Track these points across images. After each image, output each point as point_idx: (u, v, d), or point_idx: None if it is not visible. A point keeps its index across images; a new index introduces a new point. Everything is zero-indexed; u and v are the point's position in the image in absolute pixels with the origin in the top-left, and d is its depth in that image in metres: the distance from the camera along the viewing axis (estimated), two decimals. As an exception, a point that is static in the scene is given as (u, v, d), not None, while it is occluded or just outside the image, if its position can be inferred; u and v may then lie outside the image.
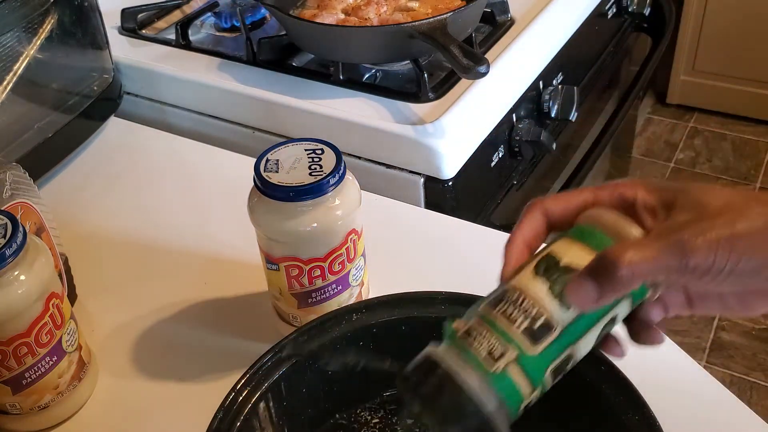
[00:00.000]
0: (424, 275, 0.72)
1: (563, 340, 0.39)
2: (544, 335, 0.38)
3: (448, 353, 0.39)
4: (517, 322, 0.38)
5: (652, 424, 0.46)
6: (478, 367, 0.38)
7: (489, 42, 0.96)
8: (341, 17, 0.93)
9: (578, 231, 0.41)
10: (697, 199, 0.39)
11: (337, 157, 0.58)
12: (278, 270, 0.60)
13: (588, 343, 0.40)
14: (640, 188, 0.41)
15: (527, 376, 0.38)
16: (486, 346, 0.38)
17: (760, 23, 2.24)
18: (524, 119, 0.97)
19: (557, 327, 0.38)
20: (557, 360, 0.39)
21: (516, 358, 0.38)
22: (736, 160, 2.31)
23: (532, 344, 0.38)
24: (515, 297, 0.39)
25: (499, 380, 0.38)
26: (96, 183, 0.88)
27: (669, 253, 0.36)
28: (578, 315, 0.39)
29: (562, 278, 0.39)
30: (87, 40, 0.90)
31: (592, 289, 0.37)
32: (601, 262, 0.37)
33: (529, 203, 0.44)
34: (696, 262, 0.36)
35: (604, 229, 0.40)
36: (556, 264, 0.39)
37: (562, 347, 0.39)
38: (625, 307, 0.41)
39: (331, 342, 0.53)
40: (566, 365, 0.40)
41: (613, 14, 1.25)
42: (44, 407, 0.59)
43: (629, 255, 0.36)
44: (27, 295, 0.53)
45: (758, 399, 1.65)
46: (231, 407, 0.49)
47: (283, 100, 0.90)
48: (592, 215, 0.41)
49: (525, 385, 0.39)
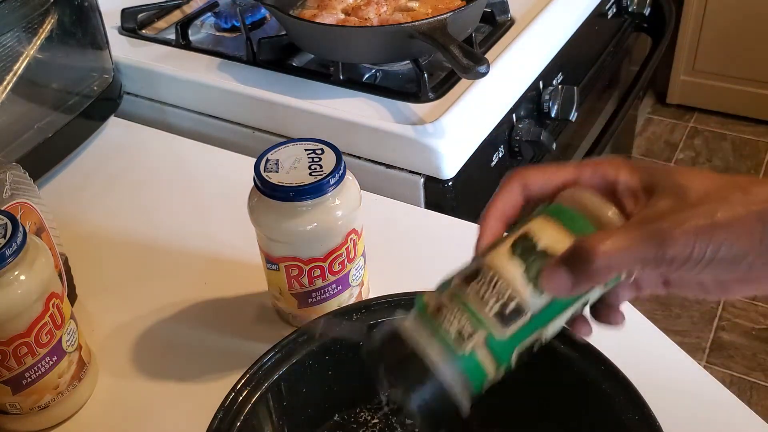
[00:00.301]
0: (424, 275, 0.72)
1: (533, 324, 0.39)
2: (514, 319, 0.38)
3: (417, 328, 0.39)
4: (489, 303, 0.38)
5: (652, 424, 0.46)
6: (446, 347, 0.38)
7: (489, 42, 0.96)
8: (341, 17, 0.93)
9: (557, 209, 0.41)
10: (678, 184, 0.38)
11: (337, 157, 0.58)
12: (278, 270, 0.61)
13: (558, 325, 0.41)
14: (623, 169, 0.41)
15: (494, 356, 0.39)
16: (456, 325, 0.38)
17: (760, 23, 2.24)
18: (524, 119, 0.97)
19: (528, 312, 0.38)
20: (525, 342, 0.39)
21: (485, 340, 0.38)
22: (736, 160, 2.30)
23: (502, 327, 0.38)
24: (489, 276, 0.39)
25: (465, 360, 0.38)
26: (96, 183, 0.88)
27: (646, 245, 0.36)
28: (551, 300, 0.39)
29: (537, 262, 0.38)
30: (87, 40, 0.90)
31: (566, 278, 0.37)
32: (576, 252, 0.37)
33: (508, 173, 0.43)
34: (674, 253, 0.36)
35: (583, 212, 0.40)
36: (533, 246, 0.39)
37: (531, 330, 0.39)
38: (597, 292, 0.41)
39: (331, 342, 0.53)
40: (532, 347, 0.40)
41: (613, 14, 1.25)
42: (44, 407, 0.59)
43: (605, 246, 0.36)
44: (27, 295, 0.53)
45: (758, 399, 1.65)
46: (231, 407, 0.49)
47: (283, 100, 0.90)
48: (573, 196, 0.41)
49: (490, 365, 0.39)
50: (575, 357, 0.50)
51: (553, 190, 0.42)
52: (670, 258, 0.36)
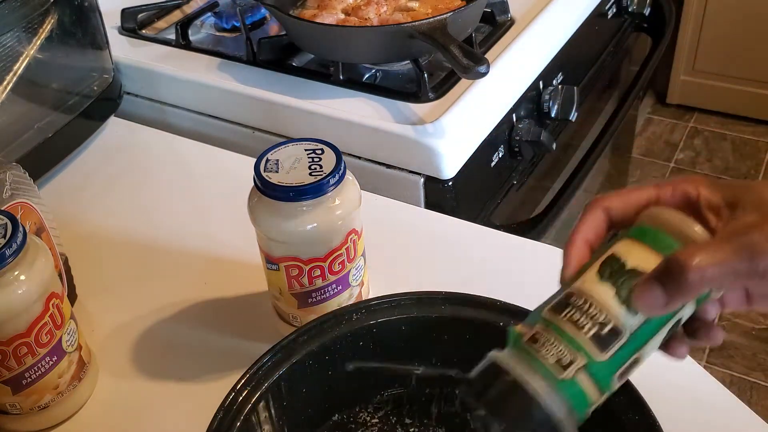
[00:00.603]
0: (424, 275, 0.72)
1: (631, 345, 0.38)
2: (612, 341, 0.38)
3: (515, 359, 0.39)
4: (585, 328, 0.38)
5: (652, 424, 0.46)
6: (546, 375, 0.38)
7: (489, 42, 0.96)
8: (341, 17, 0.93)
9: (640, 231, 0.40)
10: (763, 198, 0.38)
11: (337, 157, 0.58)
12: (278, 270, 0.60)
13: (654, 345, 0.40)
14: (702, 185, 0.41)
15: (595, 382, 0.38)
16: (554, 353, 0.38)
17: (760, 23, 2.24)
18: (524, 119, 0.97)
19: (625, 333, 0.38)
20: (625, 365, 0.39)
21: (585, 366, 0.38)
22: (736, 160, 2.30)
23: (601, 351, 0.38)
24: (581, 302, 0.38)
25: (568, 387, 0.37)
26: (96, 183, 0.88)
27: (739, 257, 0.36)
28: (645, 319, 0.38)
29: (628, 282, 0.38)
30: (87, 40, 0.90)
31: (660, 295, 0.37)
32: (669, 267, 0.36)
33: (590, 202, 0.43)
34: (766, 265, 0.35)
35: (668, 230, 0.39)
36: (621, 267, 0.39)
37: (630, 352, 0.38)
38: (690, 308, 0.40)
39: (331, 342, 0.53)
40: (633, 368, 0.40)
41: (613, 14, 1.25)
42: (44, 407, 0.59)
43: (698, 259, 0.36)
44: (27, 295, 0.53)
45: (758, 399, 1.65)
46: (231, 407, 0.49)
47: (283, 100, 0.90)
48: (656, 214, 0.40)
49: (593, 391, 0.38)
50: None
51: (635, 212, 0.42)
52: (763, 270, 0.36)
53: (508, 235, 0.77)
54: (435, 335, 0.54)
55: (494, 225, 0.93)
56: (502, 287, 0.63)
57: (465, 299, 0.55)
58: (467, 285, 0.57)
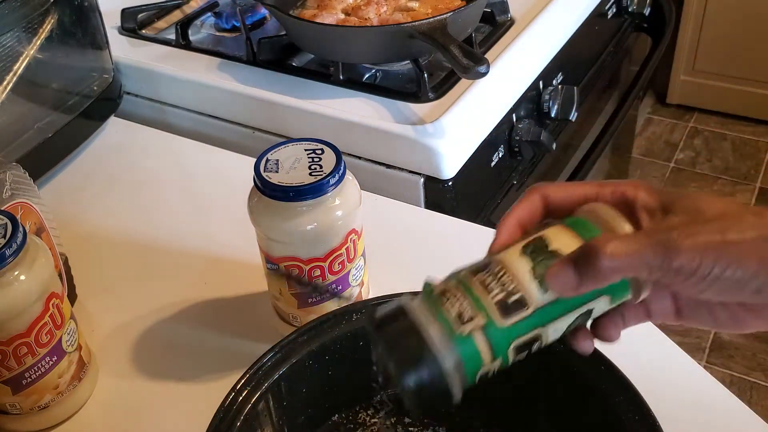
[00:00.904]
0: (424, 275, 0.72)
1: (534, 320, 0.39)
2: (516, 311, 0.39)
3: (420, 307, 0.40)
4: (493, 292, 0.39)
5: (651, 424, 0.46)
6: (444, 325, 0.39)
7: (489, 42, 0.96)
8: (341, 17, 0.93)
9: (573, 221, 0.42)
10: (694, 205, 0.39)
11: (337, 157, 0.58)
12: (278, 270, 0.60)
13: (558, 329, 0.41)
14: (641, 189, 0.42)
15: (490, 345, 0.39)
16: (457, 308, 0.39)
17: (760, 23, 2.24)
18: (524, 119, 0.97)
19: (531, 306, 0.39)
20: (523, 337, 0.40)
21: (483, 326, 0.39)
22: (736, 160, 2.30)
23: (502, 316, 0.39)
24: (497, 270, 0.40)
25: (462, 342, 0.39)
26: (96, 183, 0.88)
27: (653, 250, 0.36)
28: (554, 300, 0.39)
29: (546, 262, 0.39)
30: (87, 40, 0.90)
31: (572, 276, 0.38)
32: (584, 251, 0.38)
33: (531, 186, 0.45)
34: (680, 262, 0.36)
35: (597, 223, 0.41)
36: (544, 247, 0.40)
37: (531, 326, 0.40)
38: (603, 303, 0.41)
39: (331, 342, 0.53)
40: (531, 345, 0.41)
41: (613, 14, 1.25)
42: (44, 407, 0.59)
43: (612, 246, 0.37)
44: (27, 295, 0.54)
45: (758, 399, 1.65)
46: (231, 407, 0.49)
47: (283, 100, 0.90)
48: (590, 208, 0.42)
49: (486, 353, 0.39)
50: (575, 357, 0.50)
51: (572, 204, 0.43)
52: (677, 268, 0.36)
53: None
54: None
55: (494, 225, 0.92)
56: (502, 287, 0.63)
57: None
58: (467, 285, 0.57)
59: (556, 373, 0.51)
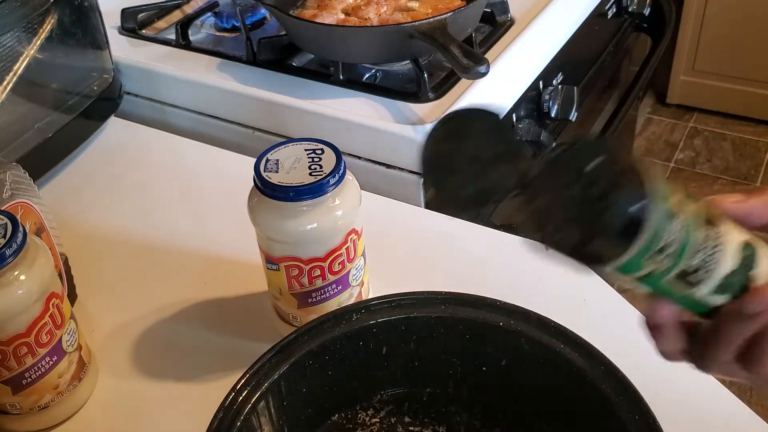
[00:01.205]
0: (424, 275, 0.72)
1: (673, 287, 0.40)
2: (689, 280, 0.39)
3: (652, 170, 0.38)
4: (697, 256, 0.39)
5: (651, 424, 0.46)
6: (663, 201, 0.37)
7: (489, 42, 0.96)
8: (341, 17, 0.93)
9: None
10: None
11: (337, 157, 0.58)
12: (278, 270, 0.60)
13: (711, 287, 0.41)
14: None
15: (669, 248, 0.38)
16: (675, 230, 0.38)
17: (760, 23, 2.24)
18: (524, 119, 0.97)
19: (701, 285, 0.40)
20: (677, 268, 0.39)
21: (665, 257, 0.38)
22: (736, 160, 2.30)
23: (678, 276, 0.39)
24: (714, 243, 0.39)
25: (663, 221, 0.37)
26: (96, 183, 0.88)
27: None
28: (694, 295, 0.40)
29: (740, 280, 0.40)
30: (87, 40, 0.90)
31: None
32: None
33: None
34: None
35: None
36: (751, 265, 0.40)
37: (669, 286, 0.40)
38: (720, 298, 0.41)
39: (331, 342, 0.53)
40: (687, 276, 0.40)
41: (613, 14, 1.25)
42: (44, 407, 0.59)
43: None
44: (27, 295, 0.53)
45: (758, 399, 1.65)
46: (231, 407, 0.49)
47: (283, 100, 0.90)
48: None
49: (671, 229, 0.38)
50: (575, 357, 0.50)
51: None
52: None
53: (508, 235, 0.77)
54: (435, 335, 0.55)
55: (494, 225, 0.92)
56: (502, 287, 0.64)
57: (465, 299, 0.55)
58: (467, 285, 0.57)
59: (556, 374, 0.51)
